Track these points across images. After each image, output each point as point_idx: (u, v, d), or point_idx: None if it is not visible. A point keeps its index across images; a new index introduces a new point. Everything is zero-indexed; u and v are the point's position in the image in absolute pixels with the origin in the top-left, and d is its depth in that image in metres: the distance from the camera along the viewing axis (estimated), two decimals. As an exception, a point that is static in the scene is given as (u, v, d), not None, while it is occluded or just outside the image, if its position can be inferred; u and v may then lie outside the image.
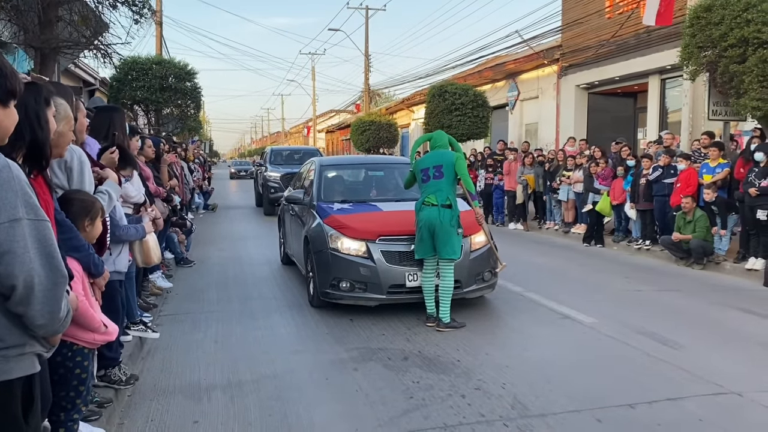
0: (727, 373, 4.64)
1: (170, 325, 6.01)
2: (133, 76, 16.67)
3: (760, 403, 4.10)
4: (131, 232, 4.28)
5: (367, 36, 32.88)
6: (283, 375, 4.66)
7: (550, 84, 19.32)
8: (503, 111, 22.09)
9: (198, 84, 18.04)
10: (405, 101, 32.47)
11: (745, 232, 8.83)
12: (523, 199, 13.77)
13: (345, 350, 5.22)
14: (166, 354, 5.17)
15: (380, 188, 7.83)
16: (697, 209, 9.05)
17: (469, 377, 4.59)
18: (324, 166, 7.96)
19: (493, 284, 6.64)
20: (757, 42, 8.02)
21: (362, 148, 27.31)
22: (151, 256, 4.62)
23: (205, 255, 10.05)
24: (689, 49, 9.24)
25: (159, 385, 4.47)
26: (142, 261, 4.64)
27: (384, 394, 4.27)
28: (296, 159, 17.20)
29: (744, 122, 11.26)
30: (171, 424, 3.83)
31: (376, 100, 41.35)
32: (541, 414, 3.93)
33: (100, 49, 9.60)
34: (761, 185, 8.21)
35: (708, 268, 8.98)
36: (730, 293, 7.49)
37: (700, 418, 3.87)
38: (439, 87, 19.58)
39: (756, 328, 5.99)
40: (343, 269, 6.15)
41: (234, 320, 6.21)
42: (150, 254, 4.58)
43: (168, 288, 7.43)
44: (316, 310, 6.51)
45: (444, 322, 5.83)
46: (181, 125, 18.43)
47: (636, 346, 5.32)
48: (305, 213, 7.29)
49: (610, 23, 16.00)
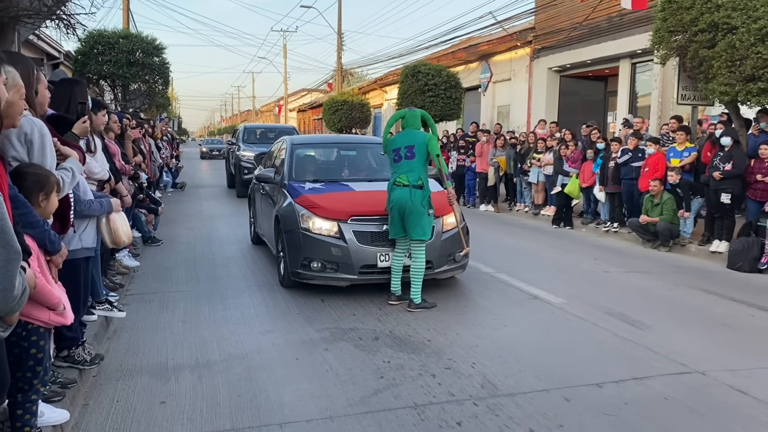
0: (692, 352, 4.74)
1: (137, 305, 5.90)
2: (98, 50, 16.25)
3: (722, 382, 4.19)
4: (95, 207, 4.11)
5: (340, 14, 32.58)
6: (253, 355, 4.61)
7: (523, 66, 19.36)
8: (476, 93, 22.09)
9: (166, 59, 17.70)
10: (378, 81, 32.28)
11: (709, 215, 9.00)
12: (495, 181, 13.83)
13: (315, 330, 5.19)
14: (133, 334, 5.08)
15: (353, 168, 7.77)
16: (665, 192, 9.19)
17: (439, 357, 4.60)
18: (296, 145, 7.86)
19: (464, 265, 6.66)
20: (726, 27, 8.11)
21: (334, 127, 27.12)
22: (120, 236, 4.40)
23: (174, 234, 9.89)
24: (660, 33, 9.31)
25: (125, 366, 4.39)
26: (111, 241, 4.41)
27: (354, 374, 4.26)
28: (271, 138, 16.27)
29: (712, 107, 11.43)
30: (137, 405, 3.77)
31: (348, 79, 41.00)
32: (510, 393, 3.96)
33: (62, 19, 9.26)
34: (725, 169, 8.37)
35: (674, 250, 9.15)
36: (695, 275, 7.64)
37: (665, 397, 3.94)
38: (413, 67, 19.48)
39: (719, 308, 6.12)
40: (314, 249, 6.10)
41: (203, 300, 6.12)
42: (119, 234, 4.37)
43: (135, 267, 7.31)
44: (286, 290, 6.46)
45: (415, 302, 5.83)
46: (148, 101, 18.06)
47: (603, 326, 5.39)
48: (276, 192, 7.20)
49: (583, 6, 16.03)
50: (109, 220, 4.29)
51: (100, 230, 4.26)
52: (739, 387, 4.11)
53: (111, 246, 4.66)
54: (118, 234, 4.36)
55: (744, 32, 7.83)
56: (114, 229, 4.32)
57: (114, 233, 4.33)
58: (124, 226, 4.44)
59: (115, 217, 4.33)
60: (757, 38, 7.73)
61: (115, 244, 4.53)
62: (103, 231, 4.28)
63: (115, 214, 4.34)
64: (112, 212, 4.31)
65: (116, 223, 4.34)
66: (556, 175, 11.67)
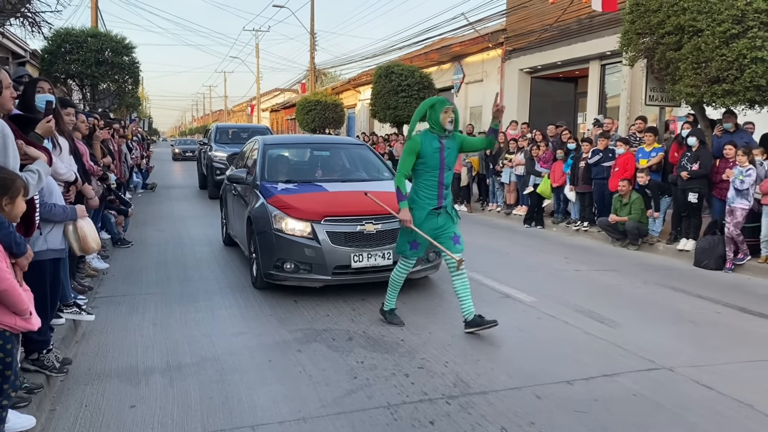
0: (660, 349, 4.83)
1: (106, 308, 5.81)
2: (66, 49, 15.97)
3: (689, 378, 4.28)
4: (56, 211, 3.97)
5: (312, 14, 32.39)
6: (225, 357, 4.58)
7: (495, 67, 19.52)
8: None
9: (136, 59, 17.47)
10: (351, 81, 32.26)
11: (677, 214, 9.18)
12: (468, 182, 13.93)
13: (289, 332, 5.17)
14: (102, 337, 5.00)
15: (326, 168, 7.74)
16: (633, 192, 9.35)
17: (412, 356, 4.61)
18: (268, 145, 7.81)
19: (437, 265, 6.69)
20: (692, 30, 8.27)
21: (308, 128, 27.03)
22: (89, 242, 4.24)
23: (144, 235, 9.76)
24: (628, 35, 9.46)
25: (94, 370, 4.32)
26: (79, 248, 4.24)
27: (328, 374, 4.25)
28: (244, 138, 15.95)
29: (679, 108, 11.65)
30: (106, 410, 3.71)
31: (322, 79, 40.91)
32: (483, 391, 3.99)
33: (27, 17, 9.08)
34: (692, 169, 8.54)
35: (642, 248, 9.31)
36: (663, 273, 7.79)
37: (634, 393, 4.01)
38: (386, 68, 19.54)
39: (686, 305, 6.25)
40: (287, 250, 6.07)
41: (174, 302, 6.05)
42: (87, 241, 4.21)
43: (104, 269, 7.20)
44: (259, 291, 6.42)
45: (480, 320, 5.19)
46: (118, 101, 17.80)
47: (574, 324, 5.46)
48: (248, 193, 7.15)
49: (553, 8, 16.22)
50: (76, 227, 4.14)
51: (68, 237, 4.10)
52: (704, 382, 4.20)
53: (79, 254, 4.47)
54: (87, 241, 4.21)
55: (709, 35, 8.00)
56: (82, 236, 4.17)
57: (82, 240, 4.19)
58: (93, 233, 4.29)
59: (82, 224, 4.17)
60: (722, 41, 7.91)
61: (83, 252, 4.35)
62: (70, 238, 4.11)
63: (82, 221, 4.18)
64: (78, 219, 4.15)
65: (84, 230, 4.18)
66: (528, 176, 11.79)
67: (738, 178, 7.74)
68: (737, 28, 7.80)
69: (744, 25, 7.78)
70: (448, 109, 5.09)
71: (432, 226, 5.17)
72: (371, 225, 6.09)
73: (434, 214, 5.17)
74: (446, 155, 5.09)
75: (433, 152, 5.07)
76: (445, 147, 5.09)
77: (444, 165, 5.09)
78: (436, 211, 5.16)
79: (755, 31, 7.68)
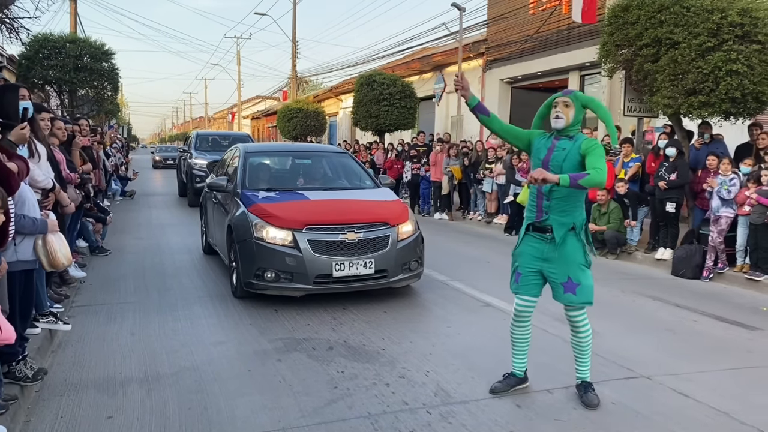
0: (638, 358, 4.88)
1: (83, 317, 5.73)
2: (44, 54, 15.80)
3: (667, 386, 4.33)
4: (26, 223, 3.82)
5: (294, 22, 32.39)
6: (204, 367, 4.53)
7: (476, 77, 19.66)
8: (430, 103, 22.31)
9: (115, 65, 17.34)
10: (333, 89, 32.30)
11: (655, 223, 9.29)
12: (449, 190, 13.99)
13: (268, 341, 5.13)
14: (79, 347, 4.93)
15: (307, 177, 7.73)
16: (611, 201, 9.45)
17: (393, 366, 4.61)
18: (249, 153, 7.78)
19: (419, 273, 6.70)
20: (669, 42, 8.42)
21: (289, 135, 26.98)
22: (59, 258, 4.10)
23: (122, 243, 9.65)
24: (607, 47, 9.60)
25: (70, 380, 4.25)
26: (48, 264, 4.10)
27: (308, 384, 4.23)
28: (224, 145, 15.91)
29: (657, 119, 11.83)
30: (83, 421, 3.65)
31: (303, 87, 40.84)
32: (463, 401, 3.99)
33: (4, 22, 8.98)
34: (670, 179, 8.67)
35: (621, 257, 9.41)
36: (641, 282, 7.87)
37: (612, 401, 4.04)
38: (368, 76, 19.58)
39: (664, 314, 6.32)
40: (268, 259, 6.04)
41: (152, 311, 5.98)
42: (57, 257, 4.08)
43: (81, 278, 7.10)
44: (239, 300, 6.37)
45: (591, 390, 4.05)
46: (97, 108, 17.61)
47: (554, 333, 5.50)
48: (229, 201, 7.10)
49: (533, 19, 16.43)
50: (45, 242, 4.01)
51: (37, 253, 3.98)
52: (682, 390, 4.24)
53: (48, 269, 4.31)
54: (56, 257, 4.07)
55: (685, 47, 8.15)
56: (51, 252, 4.03)
57: (51, 255, 4.05)
58: (63, 248, 4.15)
59: (51, 239, 4.04)
60: (698, 53, 8.06)
61: (53, 267, 4.20)
62: (39, 254, 3.99)
63: (52, 236, 4.06)
64: (48, 233, 4.03)
65: (53, 245, 4.05)
66: (509, 185, 11.87)
67: (723, 188, 7.85)
68: (713, 41, 7.96)
69: (719, 39, 7.94)
70: (558, 102, 3.91)
71: (535, 254, 3.92)
72: (353, 233, 6.08)
73: (538, 239, 3.90)
74: (553, 156, 3.83)
75: (539, 148, 3.94)
76: (555, 147, 3.86)
77: (547, 167, 3.80)
78: (540, 235, 3.88)
79: (730, 45, 7.85)
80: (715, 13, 7.98)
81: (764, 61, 7.88)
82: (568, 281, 3.83)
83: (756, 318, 6.25)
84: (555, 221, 3.80)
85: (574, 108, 3.85)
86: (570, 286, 3.84)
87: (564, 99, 3.89)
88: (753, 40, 7.93)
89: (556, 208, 3.79)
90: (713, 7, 8.04)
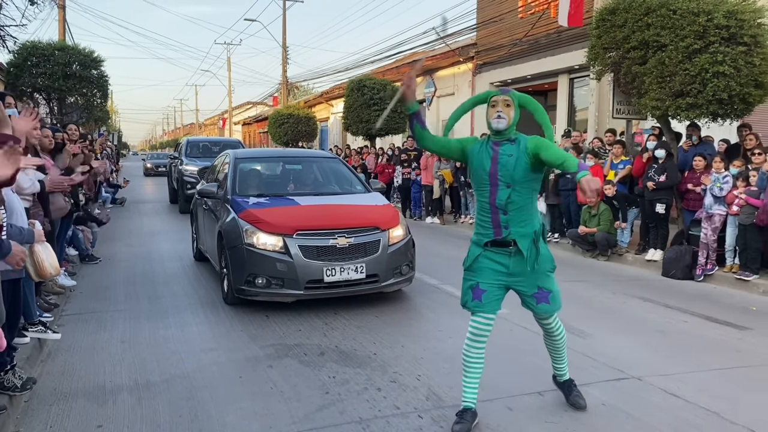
0: (628, 359, 4.90)
1: (73, 326, 5.70)
2: (33, 62, 15.72)
3: (657, 387, 4.34)
4: (13, 232, 3.77)
5: (284, 27, 32.41)
6: (194, 374, 4.51)
7: (466, 81, 19.73)
8: (421, 107, 22.34)
9: (105, 72, 17.27)
10: (324, 95, 32.30)
11: (644, 225, 9.34)
12: (440, 194, 14.00)
13: (260, 347, 5.12)
14: (68, 356, 4.90)
15: (298, 182, 7.73)
16: (601, 203, 9.49)
17: (384, 370, 4.60)
18: (239, 159, 7.77)
19: (411, 277, 6.71)
20: (657, 45, 8.47)
21: (280, 141, 26.94)
22: (46, 268, 4.09)
23: (113, 251, 9.61)
24: (595, 49, 9.65)
25: (60, 389, 4.22)
26: (35, 274, 4.10)
27: (299, 390, 4.22)
28: (215, 151, 15.76)
29: (645, 121, 11.90)
30: (72, 430, 3.63)
31: (294, 92, 40.83)
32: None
33: (-8, 31, 8.94)
34: (659, 180, 8.71)
35: (612, 259, 9.45)
36: (632, 283, 7.91)
37: (603, 403, 4.05)
38: (358, 81, 19.60)
39: (654, 315, 6.35)
40: (258, 265, 6.02)
41: (143, 319, 5.96)
42: (44, 266, 4.07)
43: (71, 286, 7.07)
44: (230, 307, 6.35)
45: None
46: (86, 115, 17.52)
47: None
48: (219, 207, 7.09)
49: (522, 23, 16.51)
50: (32, 252, 3.99)
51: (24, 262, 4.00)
52: (672, 391, 4.26)
53: (36, 279, 4.30)
54: (43, 266, 4.05)
55: (672, 50, 8.20)
56: (38, 261, 4.02)
57: (39, 265, 4.03)
58: (50, 258, 4.13)
59: (38, 249, 4.03)
60: (685, 56, 8.11)
61: (40, 277, 4.20)
62: (26, 263, 3.95)
63: (39, 246, 4.04)
64: (35, 243, 4.00)
65: (40, 255, 4.03)
66: (499, 188, 11.87)
67: (716, 185, 7.90)
68: (699, 43, 8.01)
69: (706, 41, 8.00)
70: (497, 101, 3.63)
71: (498, 269, 3.71)
72: (344, 238, 6.09)
73: (500, 254, 3.69)
74: (501, 166, 3.56)
75: (481, 159, 3.64)
76: (500, 155, 3.58)
77: (497, 180, 3.57)
78: (500, 249, 3.68)
79: (716, 47, 7.91)
80: (701, 16, 8.04)
81: (750, 62, 7.94)
82: (539, 291, 3.69)
83: (746, 318, 6.29)
84: (517, 234, 3.58)
85: (514, 107, 3.63)
86: (542, 296, 3.70)
87: (505, 98, 3.62)
88: (739, 42, 7.99)
89: (515, 221, 3.57)
90: (699, 9, 8.10)
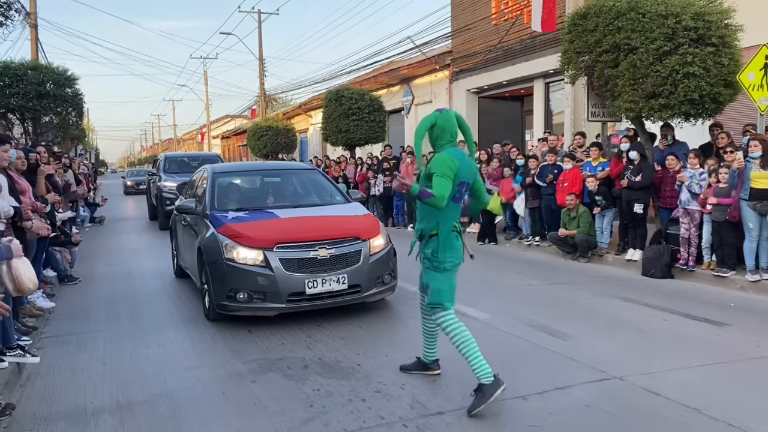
0: (610, 359, 4.94)
1: (53, 348, 5.62)
2: (5, 82, 15.56)
3: (638, 386, 4.39)
4: None
5: (260, 40, 32.46)
6: (177, 392, 4.47)
7: (443, 89, 19.84)
8: (399, 115, 22.44)
9: (79, 90, 17.14)
10: (302, 106, 32.28)
11: (623, 225, 9.44)
12: (421, 201, 14.02)
13: (243, 363, 5.09)
14: (48, 379, 4.83)
15: (277, 195, 7.71)
16: (581, 206, 9.59)
17: (369, 381, 4.60)
18: (217, 173, 7.73)
19: (393, 286, 6.71)
20: (628, 48, 8.60)
21: (260, 153, 26.86)
22: (24, 282, 4.07)
23: (92, 271, 9.50)
24: (568, 54, 9.76)
25: (39, 414, 4.16)
26: (14, 290, 4.08)
27: (283, 404, 4.20)
28: (193, 166, 15.56)
29: (620, 123, 12.05)
30: (53, 455, 3.58)
31: (272, 105, 40.78)
32: (439, 412, 4.00)
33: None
34: (636, 180, 8.83)
35: (593, 260, 9.54)
36: (612, 283, 7.98)
37: (586, 404, 4.08)
38: (336, 92, 19.62)
39: (634, 315, 6.41)
40: (239, 279, 5.99)
41: (123, 339, 5.89)
42: (22, 281, 4.04)
43: (50, 308, 6.96)
44: (212, 323, 6.30)
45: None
46: (62, 134, 17.36)
47: (528, 339, 5.54)
48: (198, 223, 7.05)
49: (497, 29, 16.66)
50: (10, 267, 3.96)
51: (2, 278, 3.94)
52: (653, 389, 4.31)
53: (14, 295, 4.28)
54: (22, 281, 4.02)
55: (643, 52, 8.33)
56: (16, 277, 3.98)
57: (17, 281, 4.00)
58: (29, 272, 4.10)
59: (16, 264, 3.99)
60: (655, 58, 8.24)
61: (19, 293, 4.16)
62: (4, 279, 3.91)
63: (17, 260, 4.01)
64: (12, 258, 3.98)
65: (18, 270, 4.00)
66: (479, 193, 11.95)
67: (694, 182, 8.01)
68: (669, 45, 8.15)
69: (675, 42, 8.13)
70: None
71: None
72: (324, 250, 6.07)
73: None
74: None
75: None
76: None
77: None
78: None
79: (686, 48, 8.05)
80: (670, 18, 8.18)
81: (719, 62, 8.09)
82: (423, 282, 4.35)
83: (723, 314, 6.38)
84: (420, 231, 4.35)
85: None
86: (424, 287, 4.38)
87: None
88: (707, 43, 8.14)
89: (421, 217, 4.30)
90: (668, 12, 8.24)
